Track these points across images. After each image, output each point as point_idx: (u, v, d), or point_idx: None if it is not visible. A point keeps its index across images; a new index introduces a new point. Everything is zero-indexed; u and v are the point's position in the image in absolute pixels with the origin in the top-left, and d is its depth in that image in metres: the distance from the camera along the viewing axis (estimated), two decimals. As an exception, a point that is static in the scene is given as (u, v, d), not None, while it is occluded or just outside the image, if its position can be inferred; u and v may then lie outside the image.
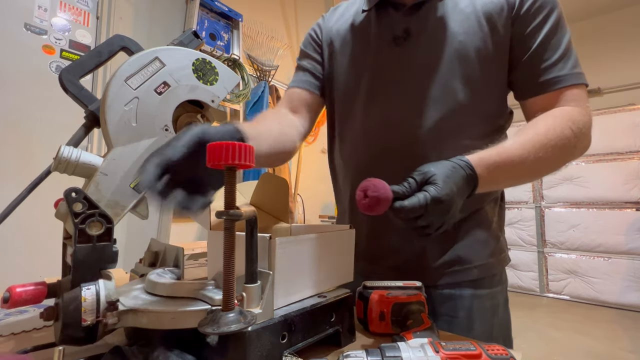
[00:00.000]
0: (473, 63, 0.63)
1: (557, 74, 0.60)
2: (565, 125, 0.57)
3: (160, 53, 0.46)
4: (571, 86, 0.60)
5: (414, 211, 0.44)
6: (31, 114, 1.68)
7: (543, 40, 0.61)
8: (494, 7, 0.63)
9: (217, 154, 0.34)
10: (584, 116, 0.60)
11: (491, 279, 0.68)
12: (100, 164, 0.42)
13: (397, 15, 0.68)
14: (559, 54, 0.61)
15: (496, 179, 0.54)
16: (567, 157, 0.59)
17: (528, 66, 0.62)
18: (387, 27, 0.68)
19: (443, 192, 0.45)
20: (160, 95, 0.45)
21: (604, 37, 4.37)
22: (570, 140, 0.57)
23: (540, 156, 0.55)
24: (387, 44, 0.68)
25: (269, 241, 0.43)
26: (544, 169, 0.59)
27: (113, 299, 0.38)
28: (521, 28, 0.62)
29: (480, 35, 0.63)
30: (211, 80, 0.49)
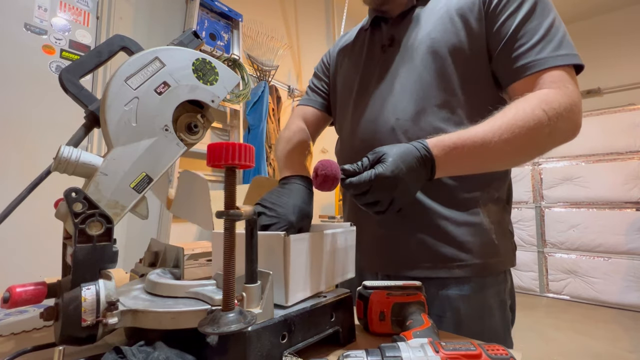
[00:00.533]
0: (446, 58, 0.66)
1: (532, 58, 0.59)
2: (535, 105, 0.55)
3: (160, 53, 0.46)
4: (550, 69, 0.58)
5: (360, 187, 0.49)
6: (31, 114, 1.68)
7: (516, 28, 0.61)
8: (466, 3, 0.66)
9: (217, 154, 0.34)
10: (562, 97, 0.57)
11: (482, 280, 0.66)
12: (100, 164, 0.42)
13: (385, 28, 0.77)
14: (536, 38, 0.59)
15: (456, 162, 0.55)
16: (541, 140, 0.57)
17: (503, 55, 0.63)
18: (377, 39, 0.78)
19: (388, 170, 0.49)
20: (160, 95, 0.45)
21: (604, 37, 4.38)
22: (542, 121, 0.55)
23: (505, 138, 0.54)
24: (376, 52, 0.77)
25: (284, 238, 0.44)
26: (513, 153, 0.57)
27: (113, 299, 0.38)
28: (493, 20, 0.63)
29: (453, 31, 0.66)
30: (211, 80, 0.49)
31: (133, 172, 0.44)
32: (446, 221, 0.67)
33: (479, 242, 0.66)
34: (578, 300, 3.36)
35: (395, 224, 0.70)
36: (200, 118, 0.50)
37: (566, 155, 3.51)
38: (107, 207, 0.42)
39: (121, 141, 0.43)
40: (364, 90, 0.76)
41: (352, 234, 0.60)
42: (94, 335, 0.37)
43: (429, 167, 0.53)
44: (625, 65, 4.22)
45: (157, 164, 0.45)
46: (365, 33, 0.82)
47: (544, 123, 0.55)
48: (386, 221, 0.70)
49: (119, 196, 0.43)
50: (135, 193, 0.44)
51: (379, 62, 0.75)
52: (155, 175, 0.45)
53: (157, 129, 0.45)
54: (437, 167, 0.54)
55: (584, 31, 4.43)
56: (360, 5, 0.84)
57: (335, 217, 3.22)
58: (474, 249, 0.66)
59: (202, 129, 0.50)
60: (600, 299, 3.22)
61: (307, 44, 3.45)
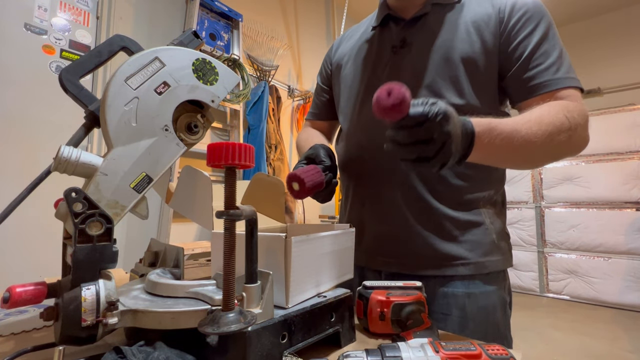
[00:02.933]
0: (459, 66, 0.66)
1: (550, 77, 0.63)
2: (558, 110, 0.59)
3: (160, 53, 0.46)
4: (564, 88, 0.62)
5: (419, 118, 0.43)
6: (31, 114, 1.68)
7: (533, 48, 0.64)
8: (482, 17, 0.67)
9: (217, 154, 0.34)
10: (578, 108, 0.61)
11: (485, 279, 0.68)
12: (100, 164, 0.42)
13: (396, 29, 0.76)
14: (551, 60, 0.63)
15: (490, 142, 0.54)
16: (563, 141, 0.58)
17: (520, 73, 0.65)
18: (387, 39, 0.77)
19: (448, 109, 0.45)
20: (160, 95, 0.45)
21: (604, 37, 4.37)
22: (564, 124, 0.58)
23: (534, 131, 0.56)
24: (386, 52, 0.76)
25: (285, 240, 0.44)
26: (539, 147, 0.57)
27: (113, 299, 0.38)
28: (510, 39, 0.65)
29: (467, 41, 0.67)
30: (211, 80, 0.49)
31: (133, 172, 0.44)
32: (450, 221, 0.68)
33: (481, 241, 0.68)
34: (578, 300, 3.36)
35: (399, 222, 0.70)
36: (200, 118, 0.50)
37: (566, 155, 3.51)
38: (107, 207, 0.42)
39: (121, 141, 0.43)
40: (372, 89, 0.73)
41: (351, 236, 0.60)
42: (94, 335, 0.37)
43: (469, 139, 0.51)
44: (625, 65, 4.22)
45: (157, 164, 0.45)
46: (374, 32, 0.81)
47: (566, 126, 0.58)
48: (393, 221, 0.70)
49: (119, 196, 0.43)
50: (135, 193, 0.44)
51: (388, 62, 0.74)
52: (155, 175, 0.45)
53: (157, 129, 0.45)
54: (475, 142, 0.52)
55: (584, 31, 4.43)
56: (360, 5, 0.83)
57: (335, 217, 3.22)
58: (478, 247, 0.68)
59: (202, 129, 0.50)
60: (600, 299, 3.22)
61: (307, 44, 3.45)
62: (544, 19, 0.65)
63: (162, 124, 0.46)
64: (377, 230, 0.73)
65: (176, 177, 1.34)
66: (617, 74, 4.22)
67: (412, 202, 0.69)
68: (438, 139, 0.45)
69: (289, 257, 0.44)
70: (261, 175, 0.68)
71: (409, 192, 0.69)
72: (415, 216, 0.69)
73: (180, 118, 0.48)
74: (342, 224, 0.60)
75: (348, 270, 0.60)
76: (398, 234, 0.70)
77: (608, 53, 4.32)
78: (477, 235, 0.68)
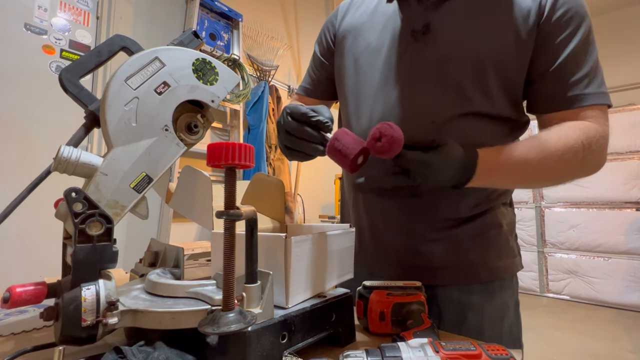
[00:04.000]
0: (489, 71, 0.61)
1: (582, 91, 0.58)
2: (577, 137, 0.56)
3: (160, 53, 0.46)
4: (592, 106, 0.58)
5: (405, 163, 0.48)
6: (31, 114, 1.68)
7: (571, 53, 0.58)
8: (520, 12, 0.60)
9: (217, 154, 0.34)
10: (600, 134, 0.58)
11: (501, 283, 0.67)
12: (100, 164, 0.42)
13: (418, 9, 0.65)
14: (586, 70, 0.58)
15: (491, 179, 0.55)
16: (573, 172, 0.59)
17: (554, 79, 0.60)
18: (407, 20, 0.66)
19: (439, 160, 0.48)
20: (160, 95, 0.45)
21: (604, 37, 4.37)
22: (578, 154, 0.56)
23: (544, 164, 0.55)
24: (405, 36, 0.66)
25: (285, 240, 0.44)
26: (545, 178, 0.59)
27: (113, 299, 0.38)
28: (549, 38, 0.59)
29: (501, 39, 0.60)
30: (211, 80, 0.49)
31: (133, 172, 0.44)
32: (468, 226, 0.65)
33: (499, 244, 0.67)
34: (578, 300, 3.36)
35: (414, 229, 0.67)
36: (200, 118, 0.50)
37: (566, 155, 3.51)
38: (107, 207, 0.42)
39: (121, 141, 0.43)
40: (391, 80, 0.67)
41: (351, 236, 0.60)
42: (94, 335, 0.37)
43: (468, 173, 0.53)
44: (625, 65, 4.22)
45: (157, 164, 0.45)
46: (389, 7, 0.70)
47: (579, 156, 0.56)
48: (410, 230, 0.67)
49: (119, 196, 0.43)
50: (135, 193, 0.44)
51: (408, 50, 0.65)
52: (155, 175, 0.45)
53: (157, 129, 0.45)
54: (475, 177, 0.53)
55: (584, 31, 4.43)
56: (360, 5, 0.80)
57: (335, 217, 3.22)
58: (496, 251, 0.67)
59: (202, 129, 0.50)
60: (600, 299, 3.22)
61: (307, 44, 3.45)
62: (585, 22, 0.60)
63: (162, 124, 0.46)
64: (389, 239, 0.70)
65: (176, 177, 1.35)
66: (617, 74, 4.22)
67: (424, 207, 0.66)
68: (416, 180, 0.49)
69: (289, 257, 0.44)
70: (261, 175, 0.68)
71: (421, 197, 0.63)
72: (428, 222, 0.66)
73: (180, 118, 0.48)
74: (342, 224, 0.60)
75: (348, 270, 0.60)
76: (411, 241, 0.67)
77: (608, 53, 4.30)
78: (494, 238, 0.67)
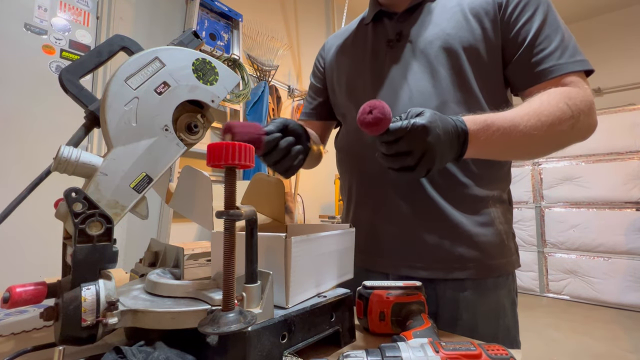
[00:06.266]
0: (461, 56, 0.65)
1: (555, 62, 0.61)
2: (559, 99, 0.58)
3: (160, 53, 0.46)
4: (569, 74, 0.61)
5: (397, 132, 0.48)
6: (31, 114, 1.68)
7: (535, 34, 0.63)
8: (480, 4, 0.66)
9: (217, 154, 0.34)
10: (581, 95, 0.60)
11: (495, 281, 0.67)
12: (100, 164, 0.42)
13: (390, 23, 0.75)
14: (554, 45, 0.62)
15: (486, 140, 0.55)
16: (565, 130, 0.59)
17: (523, 60, 0.64)
18: (382, 34, 0.76)
19: (426, 119, 0.48)
20: (160, 95, 0.45)
21: (604, 37, 4.37)
22: (565, 113, 0.57)
23: (532, 124, 0.56)
24: (382, 47, 0.74)
25: (285, 240, 0.44)
26: (538, 140, 0.58)
27: (113, 299, 0.38)
28: (510, 26, 0.64)
29: (468, 29, 0.65)
30: (211, 80, 0.49)
31: (133, 172, 0.44)
32: (462, 221, 0.66)
33: (493, 242, 0.67)
34: (578, 300, 3.36)
35: (409, 224, 0.68)
36: (200, 118, 0.50)
37: (566, 155, 3.51)
38: (107, 207, 0.42)
39: (121, 141, 0.43)
40: (374, 86, 0.73)
41: (351, 235, 0.60)
42: (94, 335, 0.37)
43: (462, 138, 0.53)
44: (625, 65, 4.22)
45: (157, 164, 0.45)
46: (367, 28, 0.79)
47: (567, 115, 0.57)
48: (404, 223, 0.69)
49: (119, 196, 0.43)
50: (135, 193, 0.44)
51: (386, 57, 0.73)
52: (155, 175, 0.45)
53: (157, 129, 0.45)
54: (470, 141, 0.53)
55: (584, 31, 4.43)
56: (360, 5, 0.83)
57: (335, 217, 3.22)
58: (489, 249, 0.67)
59: (202, 129, 0.50)
60: (600, 299, 3.22)
61: (307, 44, 3.45)
62: (542, 3, 0.64)
63: (162, 124, 0.46)
64: (385, 233, 0.71)
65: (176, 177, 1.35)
66: (617, 74, 4.22)
67: (420, 203, 0.67)
68: (417, 150, 0.48)
69: (289, 257, 0.44)
70: (261, 175, 0.68)
71: (417, 193, 0.67)
72: (424, 217, 0.67)
73: (180, 118, 0.48)
74: (342, 224, 0.60)
75: (348, 270, 0.60)
76: (406, 235, 0.68)
77: (608, 53, 4.32)
78: (487, 236, 0.67)
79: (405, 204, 0.68)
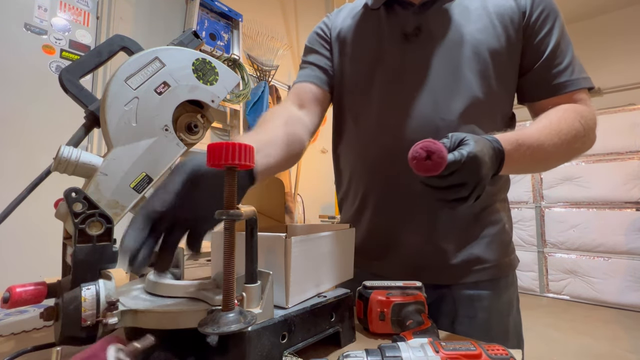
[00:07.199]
0: (487, 60, 0.65)
1: (568, 77, 0.64)
2: (574, 117, 0.61)
3: (160, 53, 0.46)
4: (579, 90, 0.65)
5: (452, 166, 0.44)
6: (31, 114, 1.68)
7: (554, 47, 0.64)
8: (506, 11, 0.66)
9: (217, 154, 0.34)
10: (590, 113, 0.63)
11: (506, 279, 0.69)
12: (100, 164, 0.42)
13: (406, 14, 0.69)
14: (568, 60, 0.65)
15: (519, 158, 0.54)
16: (578, 147, 0.62)
17: (542, 71, 0.65)
18: (396, 25, 0.69)
19: (477, 149, 0.45)
20: (160, 95, 0.45)
21: (604, 37, 4.37)
22: (580, 131, 0.60)
23: (555, 142, 0.58)
24: (397, 40, 0.68)
25: (285, 240, 0.44)
26: (558, 156, 0.61)
27: (113, 299, 0.38)
28: (533, 36, 0.65)
29: (494, 34, 0.65)
30: (211, 80, 0.49)
31: (133, 172, 0.44)
32: (477, 223, 0.67)
33: (503, 240, 0.69)
34: (578, 300, 3.36)
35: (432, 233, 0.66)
36: (200, 118, 0.50)
37: (566, 155, 3.51)
38: (107, 207, 0.42)
39: (121, 141, 0.43)
40: (393, 82, 0.68)
41: (351, 235, 0.60)
42: (94, 335, 0.37)
43: (499, 158, 0.51)
44: (625, 65, 4.22)
45: (157, 164, 0.45)
46: (377, 14, 0.72)
47: (580, 134, 0.61)
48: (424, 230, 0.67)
49: (119, 196, 0.43)
50: (135, 193, 0.44)
51: (404, 51, 0.68)
52: (155, 175, 0.45)
53: (157, 129, 0.45)
54: (505, 161, 0.52)
55: (585, 31, 4.43)
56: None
57: (335, 217, 3.22)
58: (500, 248, 0.68)
59: (202, 129, 0.50)
60: (600, 299, 3.22)
61: (307, 44, 3.44)
62: (559, 16, 0.66)
63: (162, 124, 0.46)
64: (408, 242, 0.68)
65: (176, 177, 1.33)
66: (617, 74, 4.22)
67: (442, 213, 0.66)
68: (471, 182, 0.45)
69: (289, 257, 0.44)
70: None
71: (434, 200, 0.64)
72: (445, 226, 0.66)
73: (180, 118, 0.48)
74: (342, 224, 0.60)
75: (348, 270, 0.60)
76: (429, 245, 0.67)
77: (608, 53, 4.31)
78: (498, 235, 0.68)
79: (430, 215, 0.66)
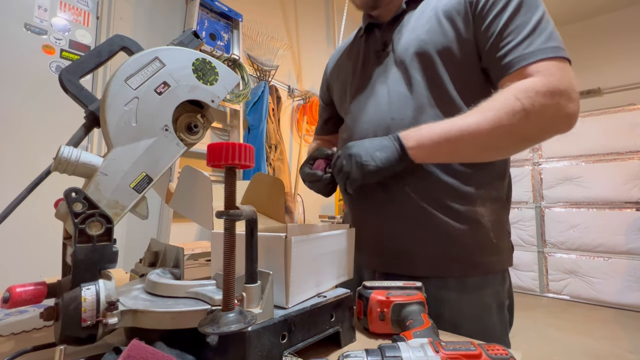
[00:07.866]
0: (435, 60, 0.67)
1: (520, 53, 0.59)
2: (509, 93, 0.58)
3: (160, 53, 0.46)
4: (537, 61, 0.58)
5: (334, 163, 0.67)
6: (31, 114, 1.68)
7: (503, 26, 0.62)
8: (453, 6, 0.67)
9: (217, 154, 0.34)
10: (540, 84, 0.56)
11: (478, 280, 0.67)
12: (100, 164, 0.42)
13: (379, 34, 0.79)
14: (524, 34, 0.60)
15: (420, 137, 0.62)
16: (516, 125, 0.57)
17: (491, 53, 0.64)
18: (371, 45, 0.80)
19: (351, 145, 0.65)
20: (160, 95, 0.45)
21: (604, 37, 4.37)
22: (513, 105, 0.56)
23: (474, 120, 0.59)
24: (371, 58, 0.79)
25: (285, 240, 0.44)
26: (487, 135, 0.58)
27: (113, 299, 0.38)
28: (481, 21, 0.65)
29: (440, 32, 0.67)
30: (211, 80, 0.49)
31: (133, 172, 0.44)
32: (445, 220, 0.67)
33: (477, 240, 0.67)
34: (578, 300, 3.36)
35: (395, 223, 0.70)
36: (200, 118, 0.50)
37: (566, 155, 3.51)
38: (107, 207, 0.42)
39: (121, 141, 0.43)
40: (359, 95, 0.79)
41: (351, 235, 0.60)
42: (94, 335, 0.37)
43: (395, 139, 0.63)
44: (625, 65, 4.22)
45: (157, 164, 0.45)
46: (361, 40, 0.84)
47: (517, 109, 0.56)
48: (387, 220, 0.71)
49: (119, 196, 0.43)
50: (135, 193, 0.44)
51: (373, 67, 0.77)
52: (155, 175, 0.45)
53: (157, 129, 0.45)
54: (403, 137, 0.62)
55: (585, 31, 4.43)
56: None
57: (335, 217, 3.22)
58: (473, 247, 0.67)
59: (202, 129, 0.50)
60: (600, 299, 3.22)
61: (307, 44, 3.45)
62: None
63: (162, 124, 0.46)
64: (372, 230, 0.73)
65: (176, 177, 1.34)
66: (617, 74, 4.22)
67: (405, 202, 0.69)
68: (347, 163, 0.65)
69: (289, 257, 0.44)
70: (261, 175, 0.68)
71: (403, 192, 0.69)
72: (410, 216, 0.68)
73: (180, 118, 0.48)
74: (342, 224, 0.60)
75: (348, 270, 0.60)
76: (392, 233, 0.71)
77: (608, 53, 4.32)
78: (473, 234, 0.67)
79: (390, 204, 0.71)
